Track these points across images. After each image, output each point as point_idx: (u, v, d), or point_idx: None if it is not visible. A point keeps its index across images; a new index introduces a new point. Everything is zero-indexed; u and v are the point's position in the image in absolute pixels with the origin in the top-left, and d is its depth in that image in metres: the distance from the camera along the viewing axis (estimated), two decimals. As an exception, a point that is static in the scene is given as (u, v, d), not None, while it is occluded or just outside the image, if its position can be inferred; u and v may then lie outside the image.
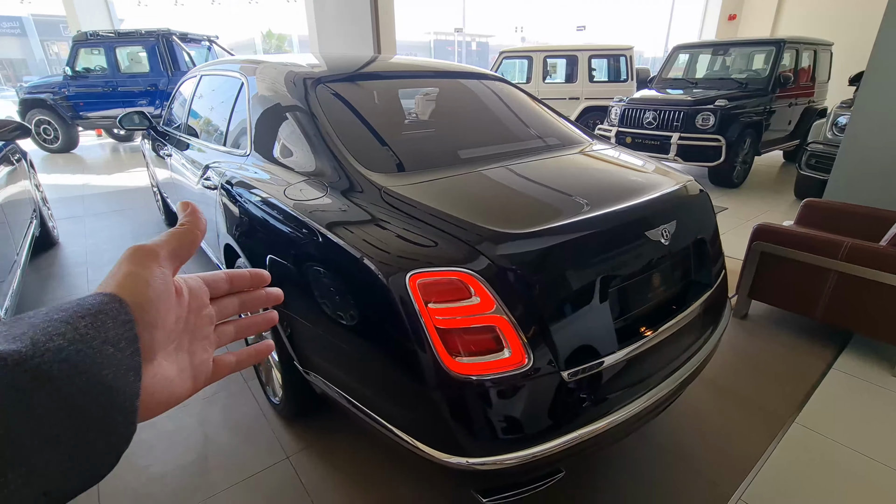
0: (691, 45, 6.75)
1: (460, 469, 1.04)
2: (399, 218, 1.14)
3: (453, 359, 1.00)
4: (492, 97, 1.98)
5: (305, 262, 1.29)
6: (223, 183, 1.73)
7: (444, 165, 1.42)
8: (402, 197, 1.20)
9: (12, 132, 2.75)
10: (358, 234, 1.14)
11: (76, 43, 7.72)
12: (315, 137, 1.44)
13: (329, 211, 1.24)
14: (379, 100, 1.72)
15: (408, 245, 1.07)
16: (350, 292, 1.16)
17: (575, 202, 1.22)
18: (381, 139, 1.52)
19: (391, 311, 1.03)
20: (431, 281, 1.01)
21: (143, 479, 1.54)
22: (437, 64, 2.12)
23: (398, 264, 1.04)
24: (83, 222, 4.28)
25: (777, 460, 1.60)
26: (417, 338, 1.00)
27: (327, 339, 1.27)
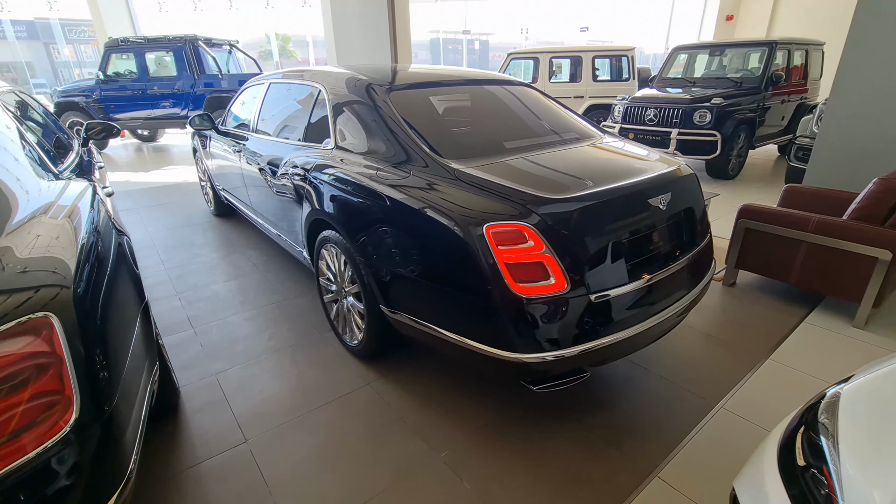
0: (690, 46, 7.17)
1: (517, 362, 1.49)
2: (470, 189, 1.59)
3: (517, 283, 1.44)
4: (524, 99, 2.42)
5: (396, 226, 1.73)
6: (311, 170, 2.18)
7: (494, 153, 1.87)
8: (470, 175, 1.65)
9: (101, 133, 3.20)
10: (440, 201, 1.59)
11: (108, 48, 8.18)
12: (395, 133, 1.89)
13: (416, 187, 1.68)
14: (435, 103, 2.17)
15: (480, 207, 1.52)
16: (436, 244, 1.60)
17: (597, 178, 1.66)
18: (442, 134, 1.97)
19: (471, 253, 1.48)
20: (500, 230, 1.45)
21: (260, 399, 2.00)
22: (476, 73, 2.57)
23: (476, 219, 1.48)
24: (137, 213, 4.74)
25: (753, 384, 2.05)
26: (492, 270, 1.45)
27: (415, 282, 1.72)
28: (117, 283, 1.43)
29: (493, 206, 1.52)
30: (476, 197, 1.56)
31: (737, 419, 1.85)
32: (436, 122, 2.06)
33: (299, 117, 2.55)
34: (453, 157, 1.79)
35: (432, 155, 1.77)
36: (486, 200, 1.54)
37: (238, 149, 3.18)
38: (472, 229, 1.47)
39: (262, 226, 3.21)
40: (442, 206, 1.57)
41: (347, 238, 1.96)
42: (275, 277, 3.17)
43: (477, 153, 1.85)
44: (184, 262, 3.48)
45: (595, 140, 2.20)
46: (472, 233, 1.47)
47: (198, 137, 4.28)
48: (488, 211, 1.50)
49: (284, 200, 2.57)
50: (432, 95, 2.20)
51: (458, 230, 1.50)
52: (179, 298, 2.91)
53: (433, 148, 1.81)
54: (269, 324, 2.59)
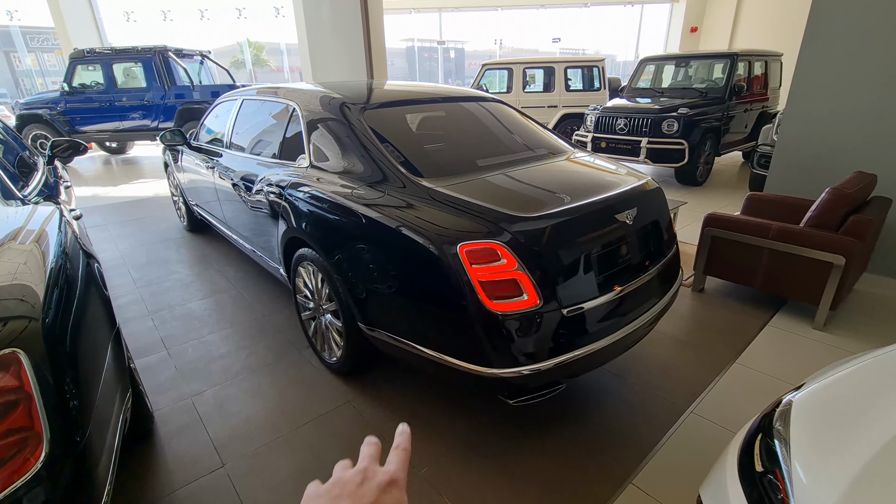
0: (657, 58, 7.42)
1: (493, 377, 1.52)
2: (444, 208, 1.63)
3: (490, 301, 1.48)
4: (497, 116, 2.48)
5: (373, 245, 1.75)
6: (287, 188, 2.18)
7: (468, 171, 1.91)
8: (444, 194, 1.68)
9: (66, 150, 3.12)
10: (416, 220, 1.61)
11: (74, 60, 7.96)
12: (369, 152, 1.92)
13: (391, 206, 1.71)
14: (409, 121, 2.20)
15: (454, 226, 1.56)
16: (412, 263, 1.63)
17: (566, 194, 1.72)
18: (417, 153, 2.01)
19: (446, 271, 1.51)
20: (474, 249, 1.49)
21: (237, 420, 1.98)
22: (449, 90, 2.62)
23: (450, 238, 1.52)
24: (107, 230, 4.62)
25: (721, 387, 2.13)
26: (467, 288, 1.48)
27: (392, 300, 1.74)
28: (87, 310, 1.41)
29: (466, 224, 1.55)
30: (450, 216, 1.60)
31: (706, 423, 1.92)
32: (410, 140, 2.10)
33: (273, 134, 2.55)
34: (428, 175, 1.82)
35: (407, 174, 1.80)
36: (460, 219, 1.57)
37: (211, 164, 3.15)
38: (447, 248, 1.51)
39: (236, 242, 3.18)
40: (417, 225, 1.60)
41: (324, 256, 1.97)
42: (251, 294, 3.14)
43: (451, 171, 1.89)
44: (157, 280, 3.41)
45: (566, 155, 2.27)
46: (447, 252, 1.50)
47: (169, 152, 4.21)
48: (462, 230, 1.53)
49: (260, 217, 2.56)
50: (407, 113, 2.23)
51: (434, 249, 1.53)
52: (153, 318, 2.85)
53: (408, 167, 1.84)
54: (246, 342, 2.57)
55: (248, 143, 2.84)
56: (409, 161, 1.89)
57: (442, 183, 1.76)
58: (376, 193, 1.80)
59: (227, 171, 2.90)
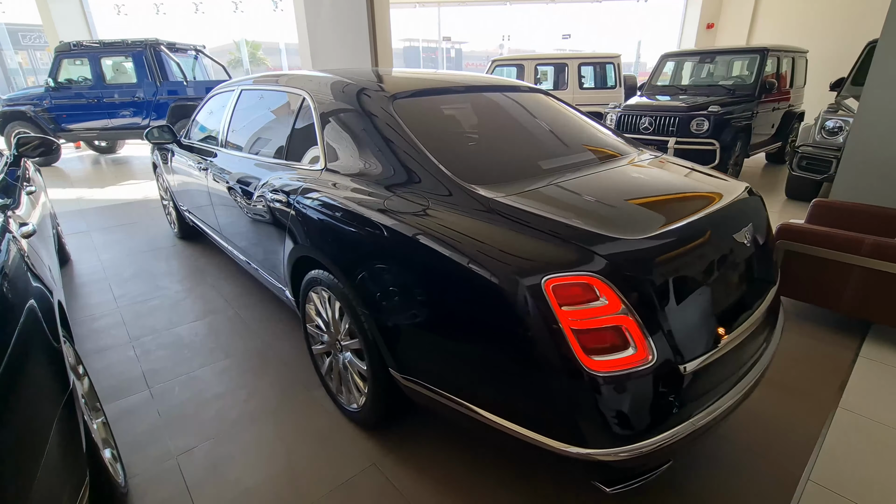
0: (679, 54, 7.05)
1: (586, 460, 1.11)
2: (514, 226, 1.21)
3: (587, 356, 1.07)
4: (545, 109, 2.07)
5: (411, 272, 1.34)
6: (296, 197, 1.76)
7: (529, 177, 1.50)
8: (511, 207, 1.27)
9: (37, 148, 2.69)
10: (474, 243, 1.20)
11: (59, 53, 7.50)
12: (404, 152, 1.50)
13: (438, 223, 1.29)
14: (450, 114, 1.79)
15: (531, 251, 1.14)
16: (469, 299, 1.21)
17: (668, 209, 1.31)
18: (464, 152, 1.59)
19: (522, 315, 1.10)
20: (564, 284, 1.08)
21: (236, 493, 1.56)
22: (486, 79, 2.21)
23: (528, 269, 1.10)
24: (90, 237, 4.18)
25: (831, 442, 1.73)
26: (554, 338, 1.07)
27: (438, 343, 1.32)
28: (23, 373, 0.99)
29: (548, 249, 1.14)
30: (522, 237, 1.18)
31: (829, 495, 1.52)
32: (453, 136, 1.69)
33: (278, 131, 2.13)
34: (481, 182, 1.41)
35: (456, 180, 1.38)
36: (539, 242, 1.16)
37: (204, 166, 2.72)
38: (525, 282, 1.09)
39: (233, 255, 2.76)
40: (477, 249, 1.19)
41: (345, 282, 1.56)
42: (251, 315, 2.71)
43: (509, 177, 1.48)
44: (142, 297, 2.98)
45: (633, 157, 1.86)
46: (524, 287, 1.09)
47: (158, 151, 3.78)
48: (544, 257, 1.12)
49: (261, 229, 2.14)
50: (444, 104, 1.82)
51: (503, 282, 1.12)
52: (134, 347, 2.42)
53: (455, 171, 1.43)
54: (245, 378, 2.14)
55: (248, 140, 2.42)
56: (456, 163, 1.48)
57: (503, 192, 1.35)
58: (415, 205, 1.38)
59: (223, 174, 2.48)
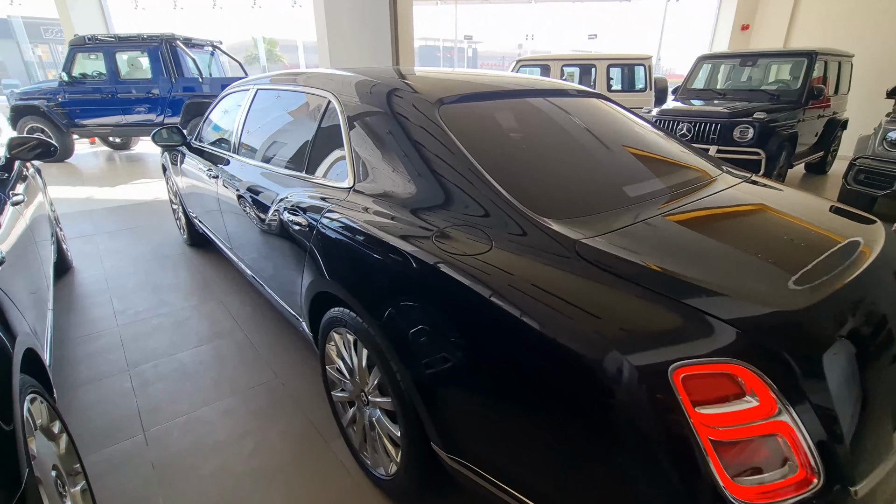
0: (717, 56, 6.66)
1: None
2: (612, 282, 0.90)
3: (730, 479, 0.76)
4: (611, 118, 1.76)
5: (473, 332, 1.03)
6: (318, 219, 1.47)
7: (616, 207, 1.19)
8: (608, 254, 0.96)
9: (33, 150, 2.45)
10: (564, 303, 0.89)
11: (73, 47, 7.35)
12: (458, 173, 1.20)
13: (507, 271, 0.99)
14: (504, 123, 1.48)
15: (651, 324, 0.84)
16: (554, 375, 0.91)
17: (817, 259, 0.99)
18: (532, 173, 1.28)
19: (635, 409, 0.79)
20: (699, 375, 0.77)
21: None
22: (537, 81, 1.89)
23: (649, 350, 0.80)
24: (95, 242, 3.95)
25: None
26: (682, 449, 0.76)
27: (505, 425, 1.02)
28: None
29: (671, 322, 0.83)
30: (630, 299, 0.88)
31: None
32: (514, 154, 1.38)
33: (298, 138, 1.85)
34: (558, 214, 1.10)
35: (528, 213, 1.08)
36: (654, 309, 0.85)
37: (215, 173, 2.45)
38: (641, 369, 0.79)
39: (245, 273, 2.48)
40: (565, 312, 0.88)
41: (377, 330, 1.26)
42: (261, 339, 2.44)
43: (590, 208, 1.17)
44: (144, 313, 2.72)
45: (728, 178, 1.54)
46: (642, 375, 0.79)
47: (168, 152, 3.53)
48: (667, 334, 0.81)
49: (277, 252, 1.86)
50: (496, 111, 1.51)
51: (607, 364, 0.82)
52: (131, 377, 2.15)
53: (525, 200, 1.12)
54: (253, 422, 1.86)
55: (263, 147, 2.14)
56: (525, 189, 1.17)
57: (589, 230, 1.04)
58: (474, 245, 1.08)
59: (234, 183, 2.20)
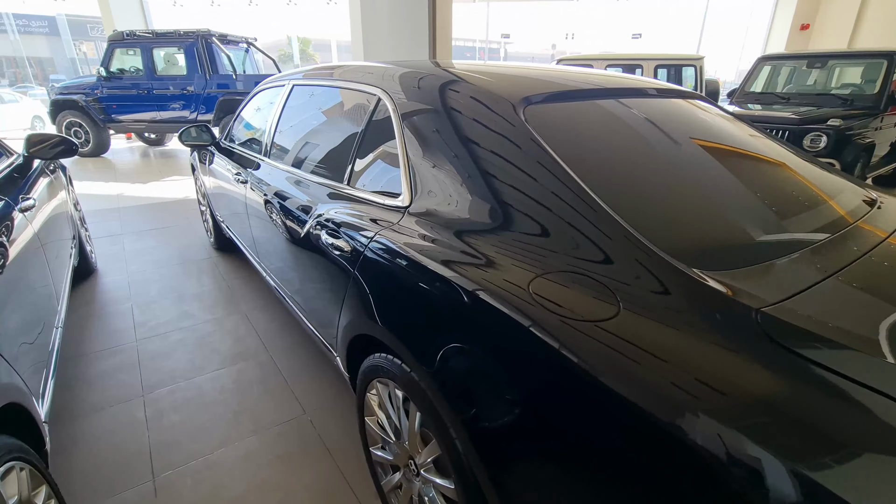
0: (779, 57, 6.14)
1: None
2: (837, 391, 0.58)
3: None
4: (725, 127, 1.42)
5: (599, 438, 0.73)
6: (364, 247, 1.19)
7: (782, 252, 0.86)
8: (815, 335, 0.64)
9: (54, 148, 2.27)
10: (752, 424, 0.58)
11: (112, 42, 7.37)
12: (559, 196, 0.90)
13: (655, 353, 0.68)
14: (614, 134, 1.16)
15: None
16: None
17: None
18: (662, 204, 0.96)
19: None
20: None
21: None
22: (633, 80, 1.56)
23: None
24: (121, 242, 3.81)
25: None
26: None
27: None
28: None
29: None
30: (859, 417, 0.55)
31: None
32: (637, 175, 1.05)
33: (340, 142, 1.58)
34: (709, 263, 0.78)
35: (672, 261, 0.77)
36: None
37: (244, 177, 2.22)
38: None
39: (273, 288, 2.24)
40: (761, 442, 0.57)
41: (439, 396, 0.97)
42: (289, 365, 2.19)
43: (752, 255, 0.84)
44: (165, 326, 2.52)
45: (887, 205, 1.19)
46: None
47: (197, 151, 3.34)
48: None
49: (311, 273, 1.59)
50: (594, 116, 1.20)
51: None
52: (145, 403, 1.93)
53: (662, 241, 0.80)
54: (276, 471, 1.60)
55: (299, 152, 1.88)
56: (658, 225, 0.85)
57: (763, 289, 0.72)
58: (598, 306, 0.77)
59: (265, 189, 1.95)
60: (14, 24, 29.48)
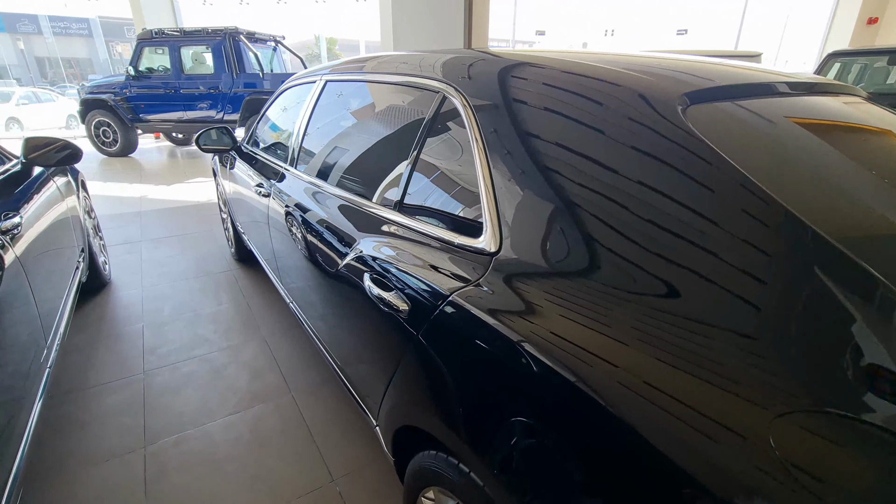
0: (853, 53, 5.56)
1: None
2: None
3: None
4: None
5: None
6: (430, 312, 0.83)
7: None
8: None
9: (57, 154, 1.99)
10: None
11: (140, 41, 7.26)
12: (771, 241, 0.52)
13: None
14: (789, 142, 0.78)
15: None
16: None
17: None
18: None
19: None
20: None
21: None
22: (789, 74, 1.16)
23: None
24: (139, 250, 3.58)
25: None
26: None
27: None
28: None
29: None
30: None
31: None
32: (854, 203, 0.67)
33: (389, 155, 1.22)
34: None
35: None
36: None
37: (266, 189, 1.90)
38: None
39: (300, 319, 1.92)
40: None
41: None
42: (314, 413, 1.86)
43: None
44: (176, 355, 2.23)
45: None
46: None
47: (217, 155, 3.06)
48: None
49: (347, 321, 1.25)
50: (773, 121, 0.81)
51: None
52: (146, 457, 1.63)
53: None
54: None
55: (333, 164, 1.54)
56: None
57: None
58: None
59: (290, 205, 1.63)
60: (50, 26, 30.52)
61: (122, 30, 33.87)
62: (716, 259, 0.58)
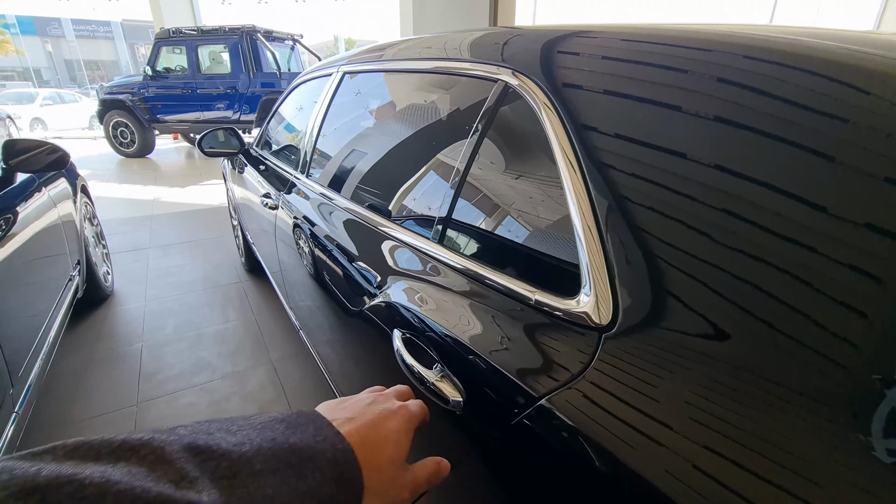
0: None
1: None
2: None
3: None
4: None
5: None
6: (501, 429, 0.55)
7: None
8: None
9: (41, 158, 1.77)
10: None
11: (158, 40, 7.16)
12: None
13: None
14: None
15: None
16: None
17: None
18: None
19: None
20: None
21: None
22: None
23: None
24: (146, 258, 3.38)
25: None
26: None
27: None
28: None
29: None
30: None
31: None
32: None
33: (427, 166, 0.94)
34: None
35: None
36: None
37: (273, 201, 1.64)
38: None
39: (320, 369, 1.65)
40: None
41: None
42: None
43: None
44: (175, 381, 1.99)
45: None
46: None
47: (226, 159, 2.83)
48: None
49: (373, 379, 0.97)
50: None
51: None
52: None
53: None
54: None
55: (352, 174, 1.26)
56: None
57: None
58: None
59: (300, 222, 1.36)
60: (73, 29, 31.20)
61: (146, 32, 34.55)
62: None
